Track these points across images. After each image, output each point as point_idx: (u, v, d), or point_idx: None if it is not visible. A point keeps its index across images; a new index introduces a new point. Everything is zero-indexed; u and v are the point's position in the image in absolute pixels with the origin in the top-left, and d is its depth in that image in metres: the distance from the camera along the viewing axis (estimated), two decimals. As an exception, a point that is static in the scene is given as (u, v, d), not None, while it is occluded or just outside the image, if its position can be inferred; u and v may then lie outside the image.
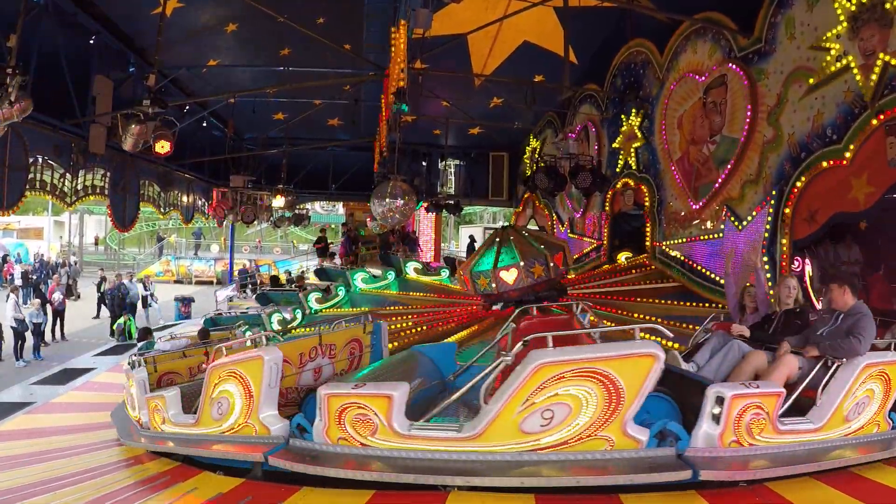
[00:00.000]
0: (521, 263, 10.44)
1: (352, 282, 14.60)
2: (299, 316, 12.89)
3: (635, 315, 10.02)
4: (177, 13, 11.01)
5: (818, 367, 4.93)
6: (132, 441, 6.96)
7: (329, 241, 25.56)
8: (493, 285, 10.49)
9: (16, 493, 5.46)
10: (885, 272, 8.54)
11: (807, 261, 8.62)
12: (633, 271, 12.69)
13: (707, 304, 10.08)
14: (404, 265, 15.32)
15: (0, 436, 8.29)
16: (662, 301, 10.68)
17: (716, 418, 4.41)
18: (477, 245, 20.42)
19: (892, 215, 8.34)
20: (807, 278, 8.58)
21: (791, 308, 6.03)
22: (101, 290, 22.02)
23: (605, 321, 9.78)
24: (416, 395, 5.27)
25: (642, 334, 4.49)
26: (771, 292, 7.33)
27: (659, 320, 9.19)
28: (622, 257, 13.87)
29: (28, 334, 15.62)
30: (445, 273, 15.62)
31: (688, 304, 10.32)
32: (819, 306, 8.26)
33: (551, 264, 10.71)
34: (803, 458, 4.56)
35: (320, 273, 17.12)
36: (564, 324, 6.89)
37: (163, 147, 9.87)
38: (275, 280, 21.13)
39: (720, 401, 4.39)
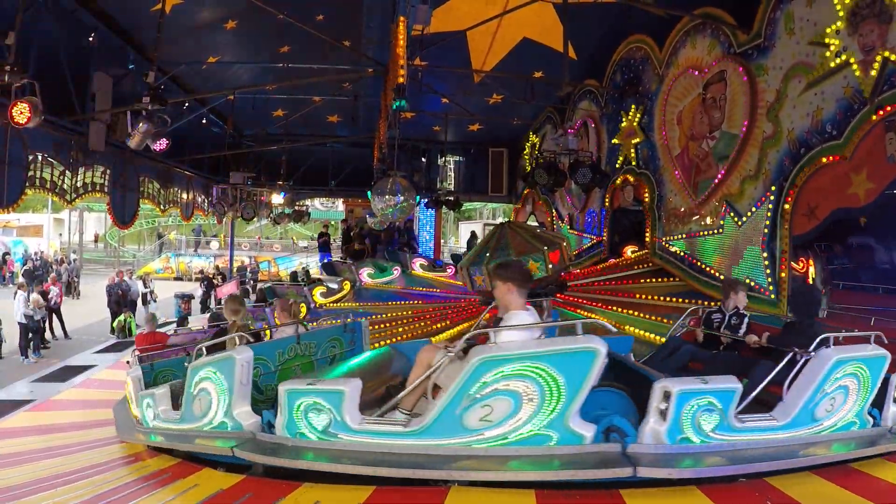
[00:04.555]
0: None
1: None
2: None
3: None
4: (176, 10, 10.99)
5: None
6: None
7: (331, 237, 25.68)
8: (548, 265, 10.78)
9: (18, 490, 5.48)
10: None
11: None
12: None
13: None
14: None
15: (1, 433, 8.32)
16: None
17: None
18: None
19: (892, 211, 8.39)
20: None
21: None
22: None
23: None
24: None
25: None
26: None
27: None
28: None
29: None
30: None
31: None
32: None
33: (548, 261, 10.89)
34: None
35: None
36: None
37: (159, 144, 9.92)
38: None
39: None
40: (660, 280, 11.68)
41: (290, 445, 4.91)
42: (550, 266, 10.90)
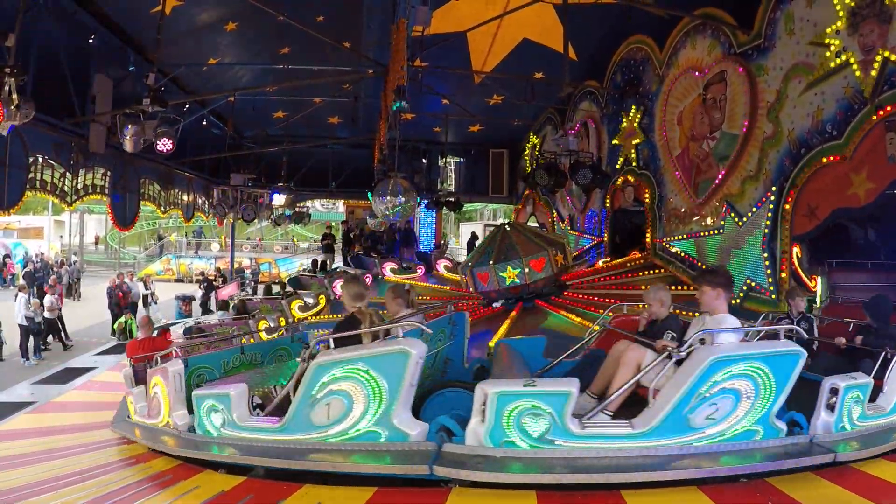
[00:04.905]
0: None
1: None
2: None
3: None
4: (176, 11, 11.00)
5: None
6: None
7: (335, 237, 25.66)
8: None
9: (19, 491, 5.47)
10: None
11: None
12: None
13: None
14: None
15: (3, 435, 8.32)
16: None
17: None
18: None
19: (892, 211, 8.37)
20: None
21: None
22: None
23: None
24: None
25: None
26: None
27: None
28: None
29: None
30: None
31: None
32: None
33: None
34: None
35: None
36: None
37: (164, 145, 9.90)
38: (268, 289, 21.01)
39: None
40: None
41: (498, 457, 4.37)
42: (554, 263, 10.98)
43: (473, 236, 24.67)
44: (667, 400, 4.43)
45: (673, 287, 10.50)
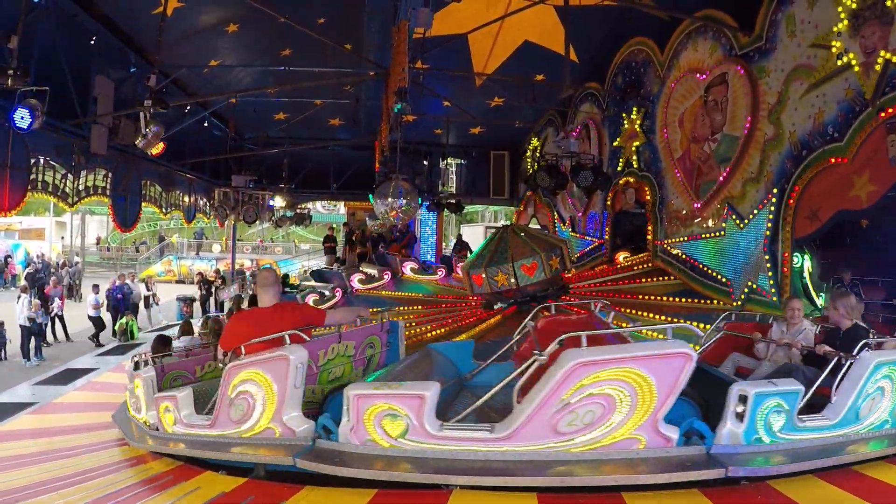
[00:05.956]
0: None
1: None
2: None
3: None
4: (177, 13, 11.00)
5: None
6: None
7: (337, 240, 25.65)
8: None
9: (20, 492, 5.47)
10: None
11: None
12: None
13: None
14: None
15: (3, 436, 8.32)
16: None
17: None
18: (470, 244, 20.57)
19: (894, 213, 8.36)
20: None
21: None
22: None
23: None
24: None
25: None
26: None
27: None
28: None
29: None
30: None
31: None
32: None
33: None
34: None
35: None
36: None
37: (157, 148, 9.90)
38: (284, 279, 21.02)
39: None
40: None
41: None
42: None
43: (459, 239, 24.58)
44: None
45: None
